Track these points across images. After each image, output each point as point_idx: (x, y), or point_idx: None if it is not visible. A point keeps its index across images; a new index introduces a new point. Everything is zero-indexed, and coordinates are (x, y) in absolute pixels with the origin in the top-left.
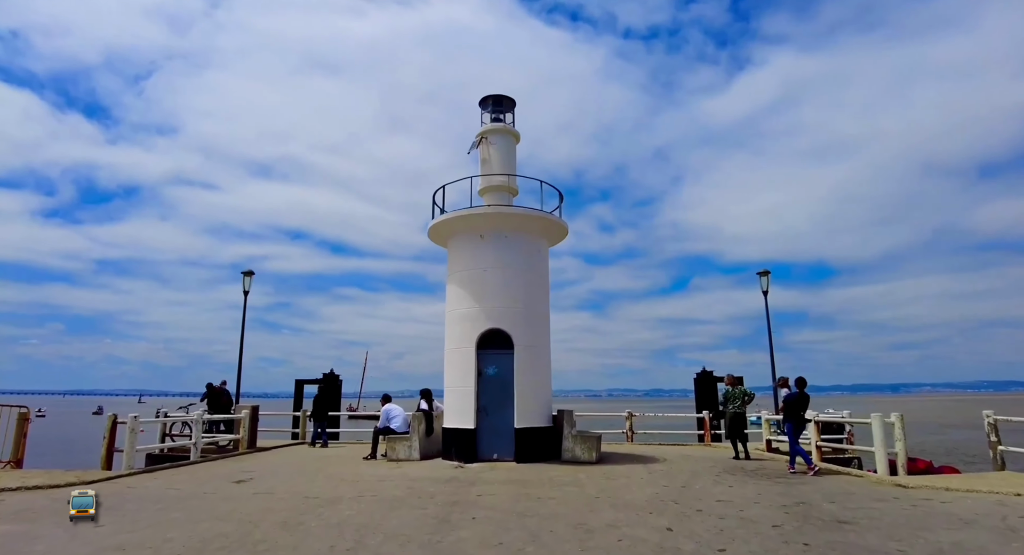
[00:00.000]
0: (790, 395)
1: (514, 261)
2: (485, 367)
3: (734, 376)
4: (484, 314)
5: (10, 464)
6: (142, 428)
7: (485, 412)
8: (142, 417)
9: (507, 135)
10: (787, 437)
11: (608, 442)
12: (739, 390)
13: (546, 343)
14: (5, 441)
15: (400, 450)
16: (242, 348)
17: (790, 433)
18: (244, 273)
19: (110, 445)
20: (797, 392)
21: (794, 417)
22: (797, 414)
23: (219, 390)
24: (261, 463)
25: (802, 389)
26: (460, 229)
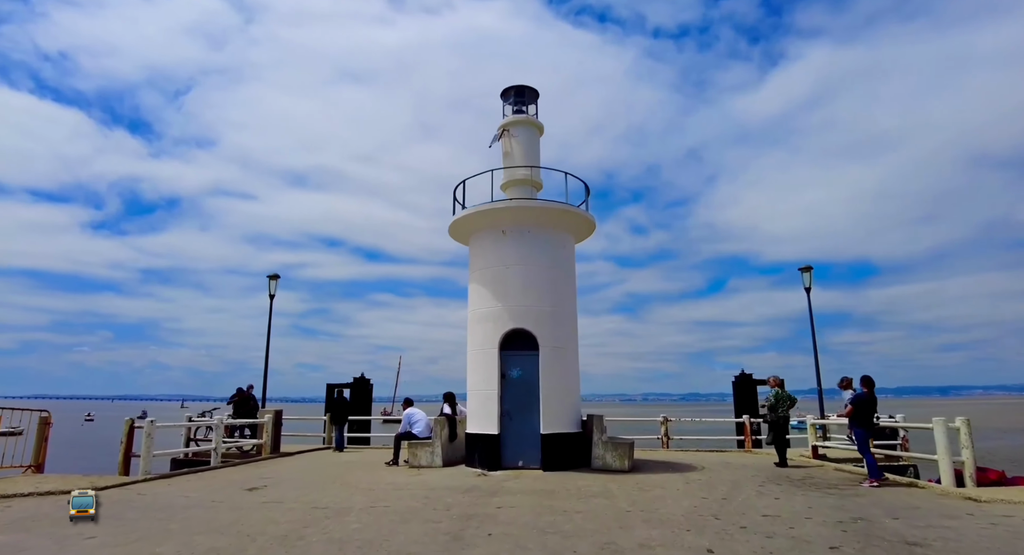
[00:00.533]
0: (857, 396)
1: (538, 257)
2: (509, 369)
3: (779, 378)
4: (507, 313)
5: (31, 468)
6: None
7: (509, 417)
8: (160, 422)
9: (530, 127)
10: (856, 445)
11: (642, 448)
12: (786, 393)
13: (574, 344)
14: (26, 445)
15: (422, 456)
16: (268, 352)
17: (860, 440)
18: (270, 277)
19: (127, 450)
20: (865, 393)
21: (864, 422)
22: (868, 418)
23: (246, 395)
24: (280, 469)
25: (870, 390)
26: (481, 225)
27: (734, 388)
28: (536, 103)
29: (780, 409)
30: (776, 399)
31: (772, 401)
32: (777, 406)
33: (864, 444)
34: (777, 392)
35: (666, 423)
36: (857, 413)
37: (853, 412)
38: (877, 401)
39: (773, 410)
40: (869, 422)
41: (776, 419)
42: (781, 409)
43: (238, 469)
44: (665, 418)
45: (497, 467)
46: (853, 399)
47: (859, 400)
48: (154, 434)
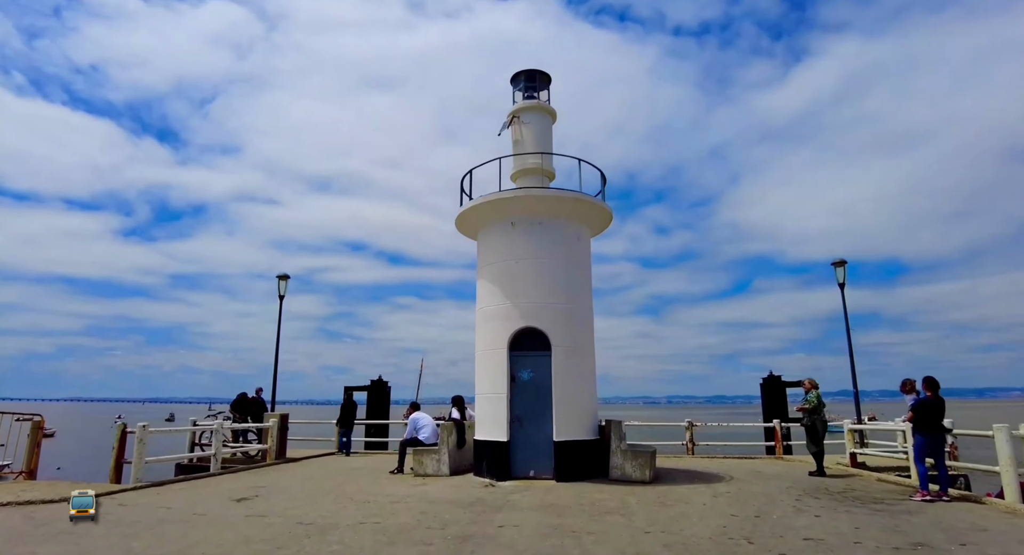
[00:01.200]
0: (920, 401)
1: (550, 250)
2: (519, 371)
3: (814, 381)
4: (517, 311)
5: (21, 475)
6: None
7: (520, 422)
8: (155, 426)
9: (542, 113)
10: (914, 453)
11: (665, 455)
12: (819, 395)
13: (590, 344)
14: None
15: (428, 464)
16: (277, 354)
17: (918, 449)
18: (279, 277)
19: (119, 456)
20: (929, 397)
21: (929, 428)
22: (934, 424)
23: (252, 399)
24: (279, 477)
25: (935, 393)
26: (489, 217)
27: (762, 390)
28: (548, 89)
29: (820, 414)
30: (817, 402)
31: (813, 404)
32: (818, 410)
33: (921, 453)
34: (817, 395)
35: (691, 428)
36: (919, 419)
37: (915, 418)
38: (945, 405)
39: (814, 414)
40: (933, 429)
41: (815, 424)
42: (821, 414)
43: (237, 476)
44: (690, 423)
45: (507, 477)
46: (915, 404)
47: (921, 405)
48: (147, 440)
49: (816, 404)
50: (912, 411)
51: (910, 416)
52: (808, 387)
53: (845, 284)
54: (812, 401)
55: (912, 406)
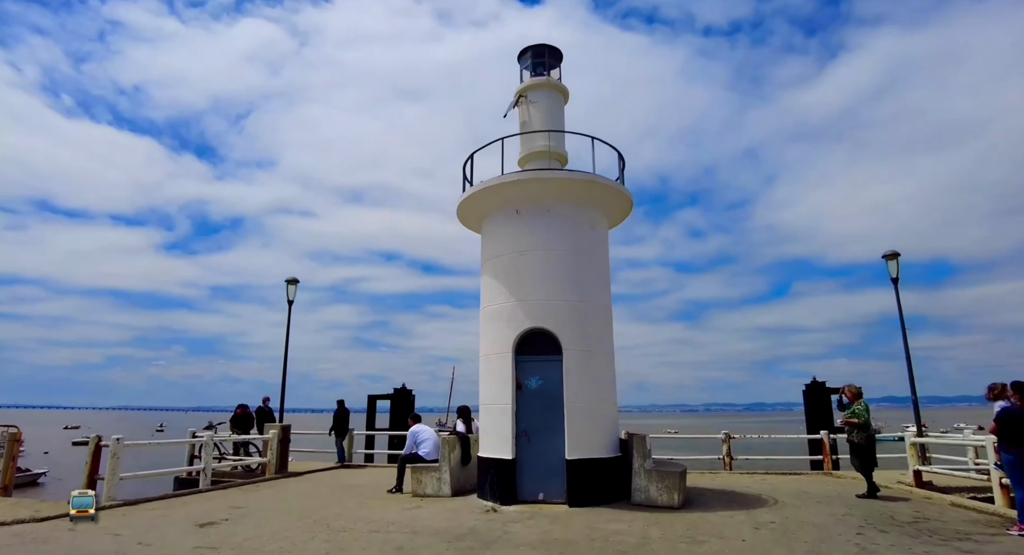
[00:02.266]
0: (1005, 410)
1: (560, 241)
2: (526, 379)
3: (856, 387)
4: (522, 310)
5: None
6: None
7: (527, 437)
8: (131, 439)
9: (551, 91)
10: (1009, 475)
11: (699, 470)
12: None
13: (608, 347)
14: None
15: (427, 483)
16: (286, 360)
17: (1009, 468)
18: (288, 281)
19: (92, 472)
20: (1018, 406)
21: (1016, 443)
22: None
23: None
24: (265, 495)
25: None
26: (492, 205)
27: (805, 398)
28: (559, 67)
29: (870, 427)
30: (867, 415)
31: (864, 417)
32: (868, 425)
33: (1016, 474)
34: (865, 406)
35: (728, 441)
36: (1004, 432)
37: (999, 430)
38: None
39: (864, 428)
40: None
41: (864, 439)
42: (871, 427)
43: (223, 494)
44: (727, 435)
45: (512, 500)
46: (1000, 413)
47: (1007, 415)
48: (120, 454)
49: (865, 418)
50: (996, 422)
51: (993, 428)
52: (850, 395)
53: (899, 279)
54: (862, 414)
55: (997, 416)
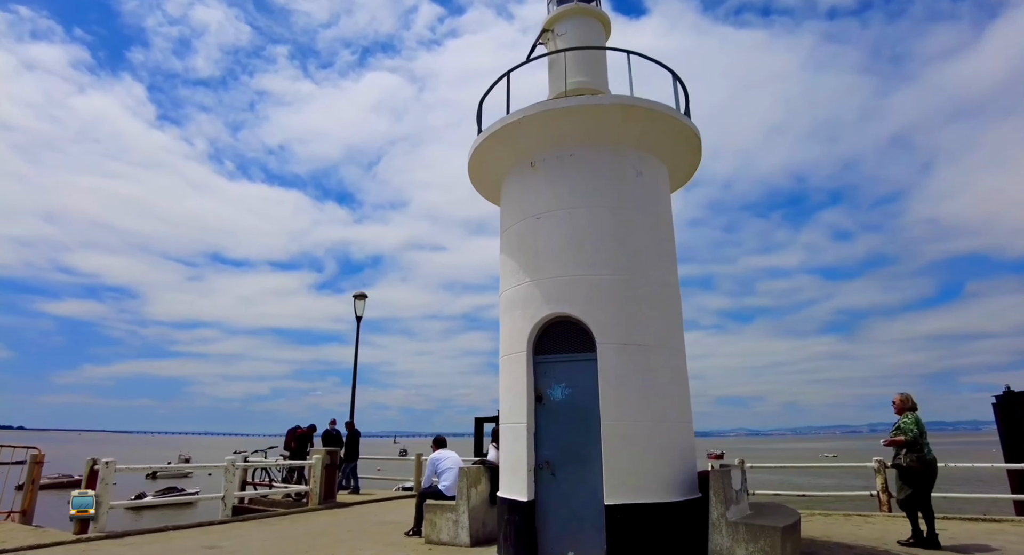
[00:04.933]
0: None
1: (590, 195)
2: (547, 387)
3: (904, 395)
4: (539, 292)
5: (11, 516)
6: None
7: (550, 471)
8: (138, 463)
9: (585, 18)
10: None
11: (844, 511)
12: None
13: (671, 340)
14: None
15: (442, 527)
16: (355, 381)
17: None
18: (355, 296)
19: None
20: None
21: None
22: None
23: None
24: (263, 533)
25: None
26: (503, 160)
27: (997, 413)
28: None
29: (924, 446)
30: (918, 426)
31: (912, 432)
32: (917, 443)
33: None
34: (914, 419)
35: (883, 471)
36: None
37: None
38: None
39: (913, 450)
40: None
41: (917, 462)
42: (923, 449)
43: (233, 527)
44: (882, 463)
45: None
46: None
47: None
48: (111, 479)
49: (914, 434)
50: None
51: None
52: (899, 406)
53: None
54: (909, 429)
55: None
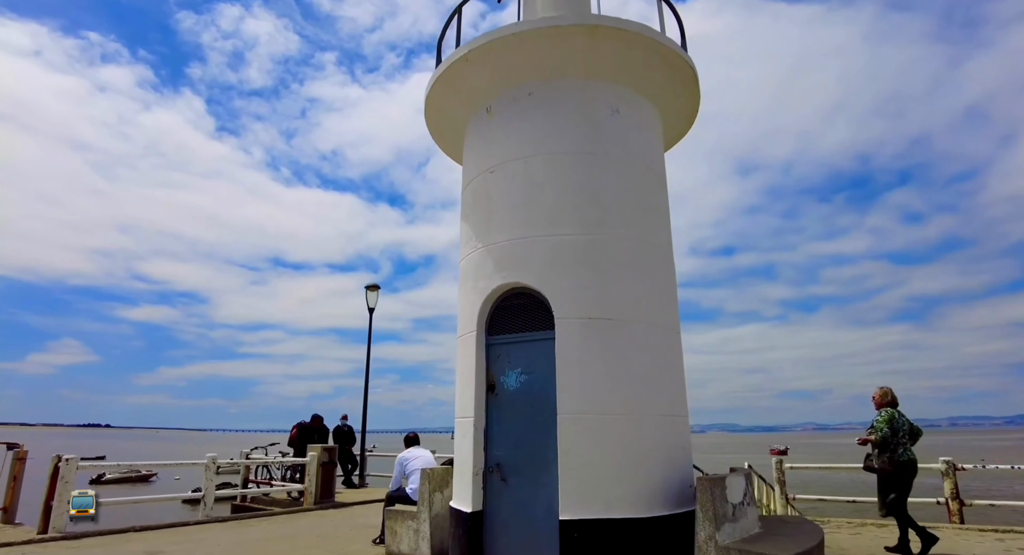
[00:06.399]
0: None
1: (551, 140)
2: (502, 373)
3: (887, 390)
4: (491, 259)
5: None
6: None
7: (500, 476)
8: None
9: None
10: None
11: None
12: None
13: (657, 315)
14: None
15: (402, 535)
16: (368, 373)
17: None
18: (368, 287)
19: (49, 497)
20: None
21: None
22: None
23: (310, 426)
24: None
25: None
26: (460, 108)
27: None
28: None
29: (899, 446)
30: (891, 425)
31: (882, 431)
32: (892, 441)
33: None
34: (888, 416)
35: (953, 474)
36: None
37: None
38: None
39: (885, 448)
40: None
41: (889, 463)
42: (900, 447)
43: (197, 530)
44: (951, 465)
45: None
46: None
47: None
48: (73, 479)
49: (884, 433)
50: None
51: None
52: (877, 401)
53: None
54: (880, 428)
55: None
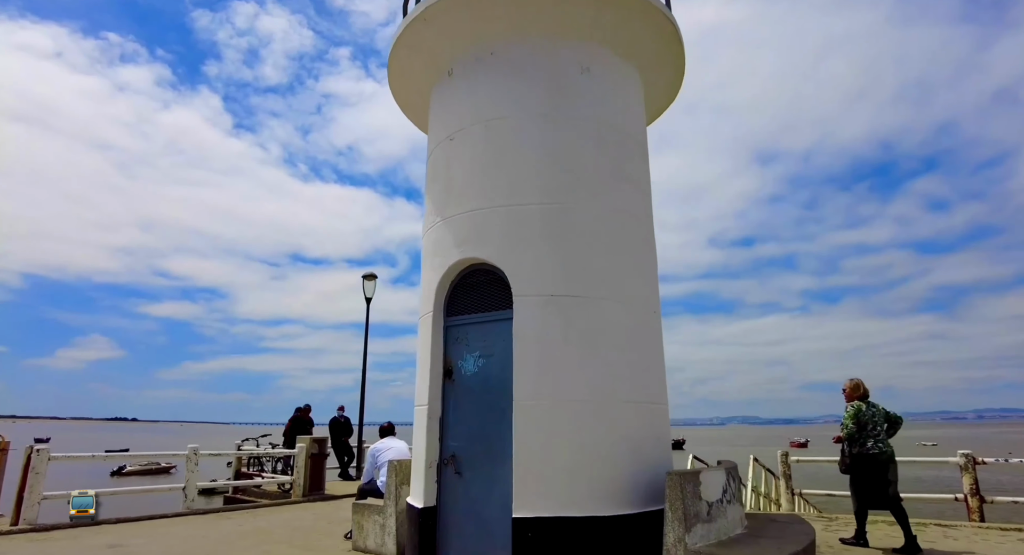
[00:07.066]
0: None
1: (513, 104)
2: (459, 357)
3: (857, 382)
4: (450, 233)
5: None
6: None
7: (455, 469)
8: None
9: None
10: None
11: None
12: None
13: (633, 291)
14: None
15: (369, 531)
16: (365, 363)
17: None
18: (364, 276)
19: (21, 489)
20: None
21: None
22: None
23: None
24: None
25: None
26: (424, 73)
27: None
28: None
29: (868, 439)
30: (857, 419)
31: (848, 428)
32: (860, 436)
33: None
34: (855, 409)
35: (972, 469)
36: None
37: None
38: None
39: (853, 443)
40: None
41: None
42: (871, 439)
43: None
44: (970, 459)
45: None
46: None
47: None
48: (44, 470)
49: (849, 429)
50: None
51: None
52: (848, 394)
53: None
54: (845, 424)
55: None
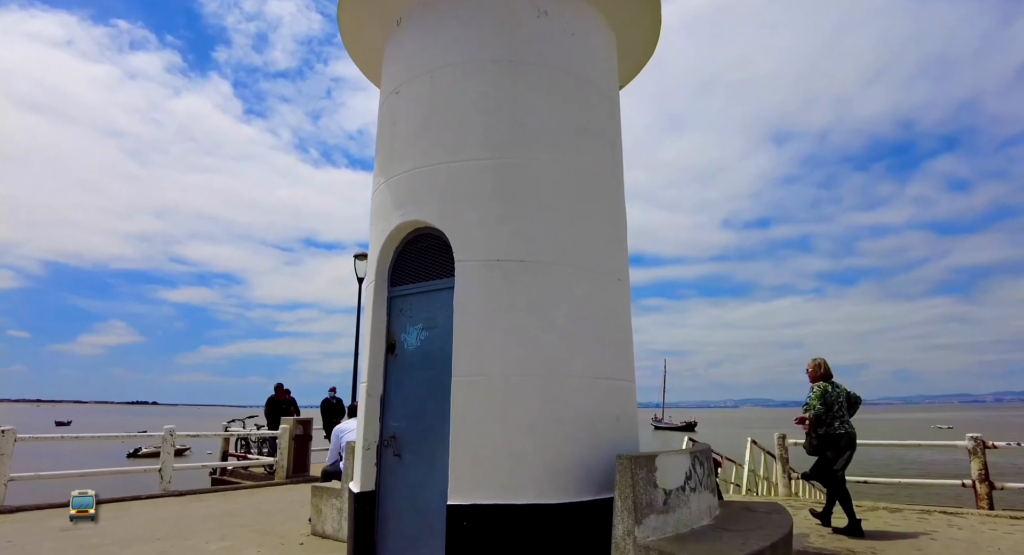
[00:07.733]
0: None
1: (461, 50)
2: (402, 331)
3: (821, 362)
4: (391, 195)
5: None
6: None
7: (395, 451)
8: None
9: None
10: None
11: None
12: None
13: (594, 255)
14: None
15: (327, 515)
16: (357, 345)
17: None
18: (356, 256)
19: None
20: None
21: None
22: None
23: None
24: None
25: None
26: (374, 27)
27: None
28: None
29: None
30: (825, 400)
31: (815, 409)
32: (827, 416)
33: None
34: (821, 390)
35: (981, 453)
36: None
37: None
38: None
39: (820, 424)
40: None
41: (827, 436)
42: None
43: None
44: (980, 443)
45: None
46: None
47: None
48: (10, 451)
49: (817, 410)
50: None
51: None
52: (811, 375)
53: None
54: (812, 405)
55: None
